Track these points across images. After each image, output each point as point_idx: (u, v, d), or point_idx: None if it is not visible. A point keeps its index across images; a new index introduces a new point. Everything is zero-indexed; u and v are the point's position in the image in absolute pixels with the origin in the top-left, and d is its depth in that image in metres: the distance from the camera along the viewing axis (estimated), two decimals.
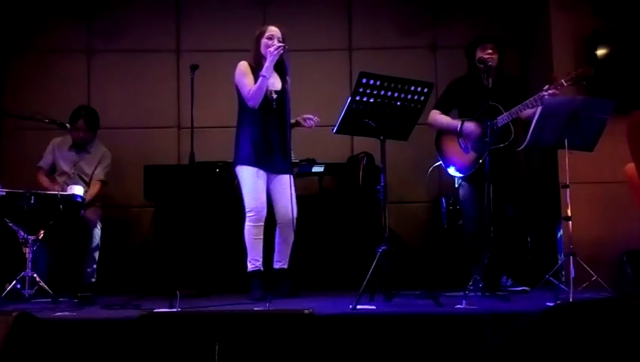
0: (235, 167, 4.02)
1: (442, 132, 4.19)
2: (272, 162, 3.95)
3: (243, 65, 4.01)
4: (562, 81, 3.88)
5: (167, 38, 5.56)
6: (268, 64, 3.87)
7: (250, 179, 3.92)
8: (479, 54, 4.11)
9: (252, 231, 3.92)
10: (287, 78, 4.09)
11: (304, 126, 4.10)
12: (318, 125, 4.08)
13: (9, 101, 5.36)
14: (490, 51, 4.09)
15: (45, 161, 4.62)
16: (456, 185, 4.28)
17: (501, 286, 4.10)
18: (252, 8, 5.54)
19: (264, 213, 3.93)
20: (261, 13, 5.50)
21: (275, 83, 4.03)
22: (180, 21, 5.59)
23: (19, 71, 5.46)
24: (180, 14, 5.60)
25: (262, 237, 3.95)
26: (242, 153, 3.97)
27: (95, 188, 4.59)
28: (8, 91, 5.44)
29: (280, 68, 4.03)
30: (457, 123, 4.10)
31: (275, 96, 3.99)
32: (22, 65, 5.47)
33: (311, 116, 4.07)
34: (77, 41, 5.52)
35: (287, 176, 3.96)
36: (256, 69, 3.97)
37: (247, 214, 3.92)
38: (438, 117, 4.16)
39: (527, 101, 3.90)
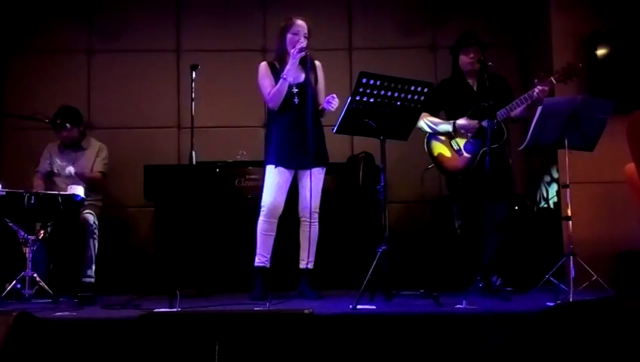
0: (264, 165, 4.01)
1: (432, 134, 4.20)
2: (297, 158, 3.89)
3: (262, 67, 4.00)
4: (552, 78, 3.91)
5: (167, 38, 5.56)
6: (289, 66, 3.83)
7: (271, 177, 3.91)
8: (464, 58, 4.16)
9: (263, 226, 3.91)
10: (316, 64, 4.02)
11: (329, 110, 3.91)
12: (336, 105, 3.85)
13: (9, 101, 5.36)
14: (472, 55, 4.12)
15: (42, 166, 4.60)
16: (448, 187, 4.30)
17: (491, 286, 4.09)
18: (252, 8, 5.54)
19: (278, 210, 3.91)
20: (261, 14, 5.51)
21: (297, 76, 3.96)
22: (180, 21, 5.59)
23: (19, 71, 5.46)
24: (179, 14, 5.60)
25: (274, 234, 3.93)
26: (269, 152, 3.97)
27: (96, 175, 4.56)
28: (8, 91, 5.44)
29: (303, 60, 3.91)
30: (449, 124, 4.12)
31: (295, 90, 3.93)
32: (22, 65, 5.47)
33: (330, 97, 3.86)
34: (77, 41, 5.52)
35: (315, 169, 3.91)
36: (279, 65, 3.94)
37: (261, 209, 3.92)
38: (428, 120, 4.16)
39: (520, 97, 3.94)
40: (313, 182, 3.88)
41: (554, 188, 4.97)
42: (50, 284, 3.77)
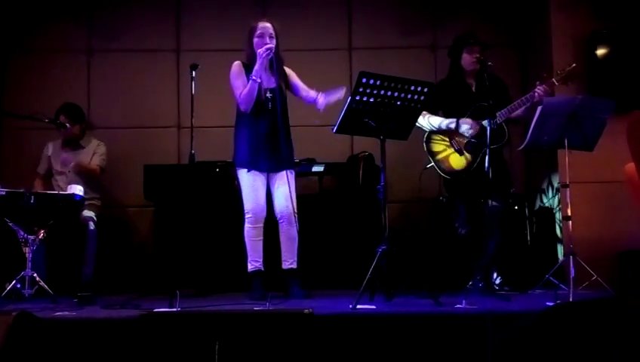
0: (234, 168, 4.02)
1: (432, 133, 4.20)
2: (269, 162, 3.92)
3: (236, 67, 4.00)
4: (553, 80, 3.92)
5: (167, 38, 5.56)
6: (257, 67, 3.83)
7: (248, 181, 3.92)
8: (468, 57, 4.15)
9: (251, 233, 3.92)
10: (287, 71, 4.06)
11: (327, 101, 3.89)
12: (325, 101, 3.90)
13: (9, 101, 5.36)
14: (477, 55, 4.12)
15: (42, 167, 4.65)
16: (446, 187, 4.31)
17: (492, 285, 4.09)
18: (252, 8, 5.54)
19: (263, 214, 3.93)
20: (261, 13, 5.49)
21: (269, 81, 3.97)
22: (179, 21, 5.59)
23: (19, 71, 5.46)
24: (179, 14, 5.60)
25: (261, 238, 3.94)
26: (240, 155, 3.97)
27: (92, 167, 4.59)
28: (8, 91, 5.44)
29: (277, 63, 3.95)
30: (452, 121, 4.11)
31: (269, 95, 3.95)
32: (22, 65, 5.47)
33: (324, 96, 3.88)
34: (77, 41, 5.52)
35: (285, 171, 3.92)
36: (250, 68, 3.95)
37: (246, 216, 3.93)
38: (430, 118, 4.16)
39: (521, 98, 3.95)
40: (289, 186, 3.90)
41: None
42: (49, 284, 3.76)
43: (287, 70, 4.11)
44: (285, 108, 4.02)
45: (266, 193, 3.99)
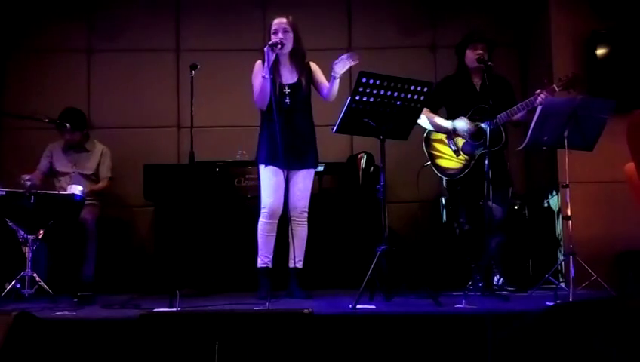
0: (256, 166, 4.00)
1: (431, 133, 4.20)
2: (288, 159, 3.84)
3: (256, 66, 3.97)
4: (554, 86, 3.91)
5: (167, 38, 5.56)
6: (266, 63, 3.80)
7: (266, 177, 3.89)
8: (470, 54, 4.14)
9: (264, 228, 3.90)
10: (311, 66, 4.02)
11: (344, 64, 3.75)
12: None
13: (9, 101, 5.36)
14: (480, 51, 4.10)
15: (42, 165, 4.64)
16: (445, 187, 4.30)
17: (492, 286, 4.10)
18: (252, 8, 5.54)
19: (279, 210, 3.89)
20: (261, 13, 5.50)
21: (290, 76, 3.95)
22: (179, 21, 5.59)
23: (19, 70, 5.46)
24: (179, 14, 5.60)
25: (274, 234, 3.91)
26: (261, 153, 3.94)
27: (104, 183, 4.66)
28: (8, 91, 5.44)
29: (297, 58, 3.95)
30: (448, 124, 4.11)
31: (287, 90, 3.91)
32: (22, 65, 5.47)
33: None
34: (76, 41, 5.52)
35: (305, 170, 3.93)
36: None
37: (261, 210, 3.90)
38: (429, 116, 4.15)
39: (522, 102, 3.94)
40: (303, 182, 3.91)
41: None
42: (49, 284, 3.76)
43: (313, 66, 4.05)
44: (307, 104, 3.97)
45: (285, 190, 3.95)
